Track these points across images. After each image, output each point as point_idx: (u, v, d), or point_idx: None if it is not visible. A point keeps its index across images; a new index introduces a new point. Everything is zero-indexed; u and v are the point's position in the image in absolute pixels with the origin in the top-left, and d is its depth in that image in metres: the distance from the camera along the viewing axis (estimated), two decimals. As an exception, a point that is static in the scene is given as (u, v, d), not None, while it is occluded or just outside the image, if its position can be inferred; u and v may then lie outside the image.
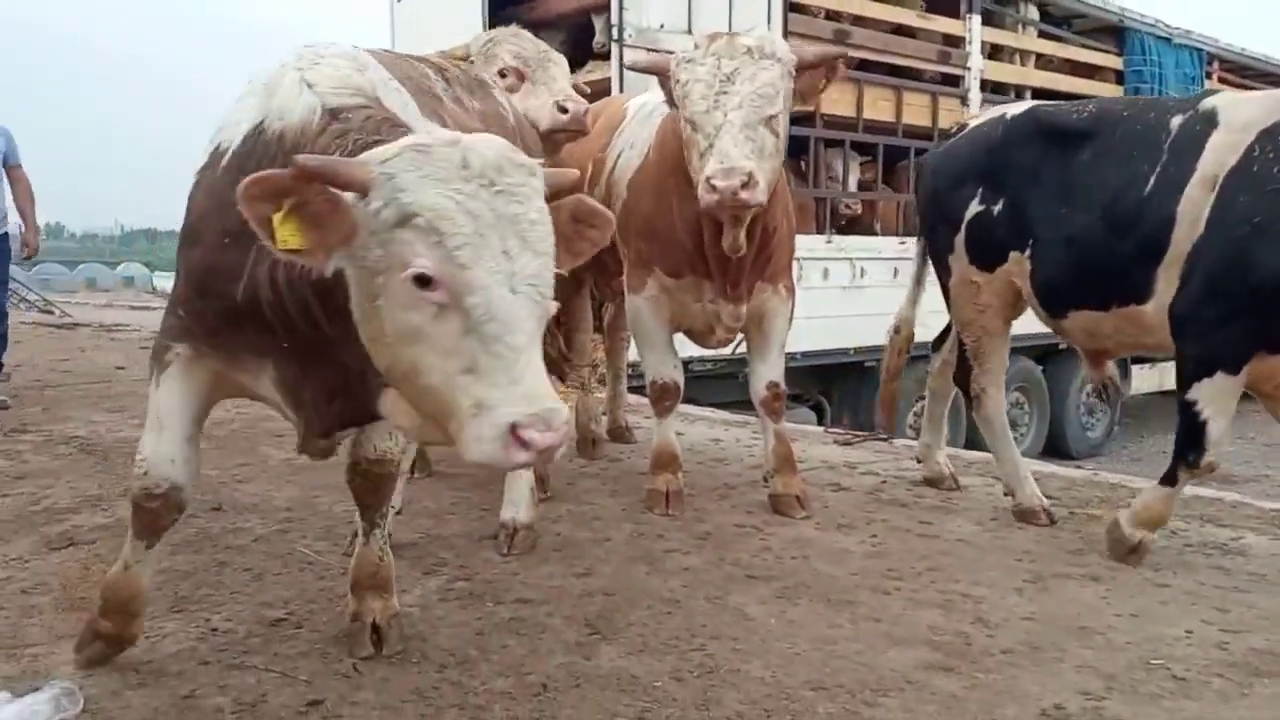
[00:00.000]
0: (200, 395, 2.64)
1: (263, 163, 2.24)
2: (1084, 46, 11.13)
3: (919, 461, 5.11)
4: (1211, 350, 3.54)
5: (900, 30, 9.48)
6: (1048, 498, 4.52)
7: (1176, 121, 3.74)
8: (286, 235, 1.97)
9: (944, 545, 4.02)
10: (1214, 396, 3.53)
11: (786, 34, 8.35)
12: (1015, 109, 4.47)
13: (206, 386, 2.64)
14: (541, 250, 1.98)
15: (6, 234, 7.22)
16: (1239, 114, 3.61)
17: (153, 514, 2.66)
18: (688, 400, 7.52)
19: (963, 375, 4.64)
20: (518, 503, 3.86)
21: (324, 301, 2.15)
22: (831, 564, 3.72)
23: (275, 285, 2.24)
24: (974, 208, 4.33)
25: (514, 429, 1.82)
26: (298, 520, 4.18)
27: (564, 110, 4.35)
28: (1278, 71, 12.95)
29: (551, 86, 4.42)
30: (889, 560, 3.79)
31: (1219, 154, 3.55)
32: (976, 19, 9.90)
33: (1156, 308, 3.69)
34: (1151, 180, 3.69)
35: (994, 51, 10.16)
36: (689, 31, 7.82)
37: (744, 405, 7.71)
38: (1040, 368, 9.92)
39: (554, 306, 2.01)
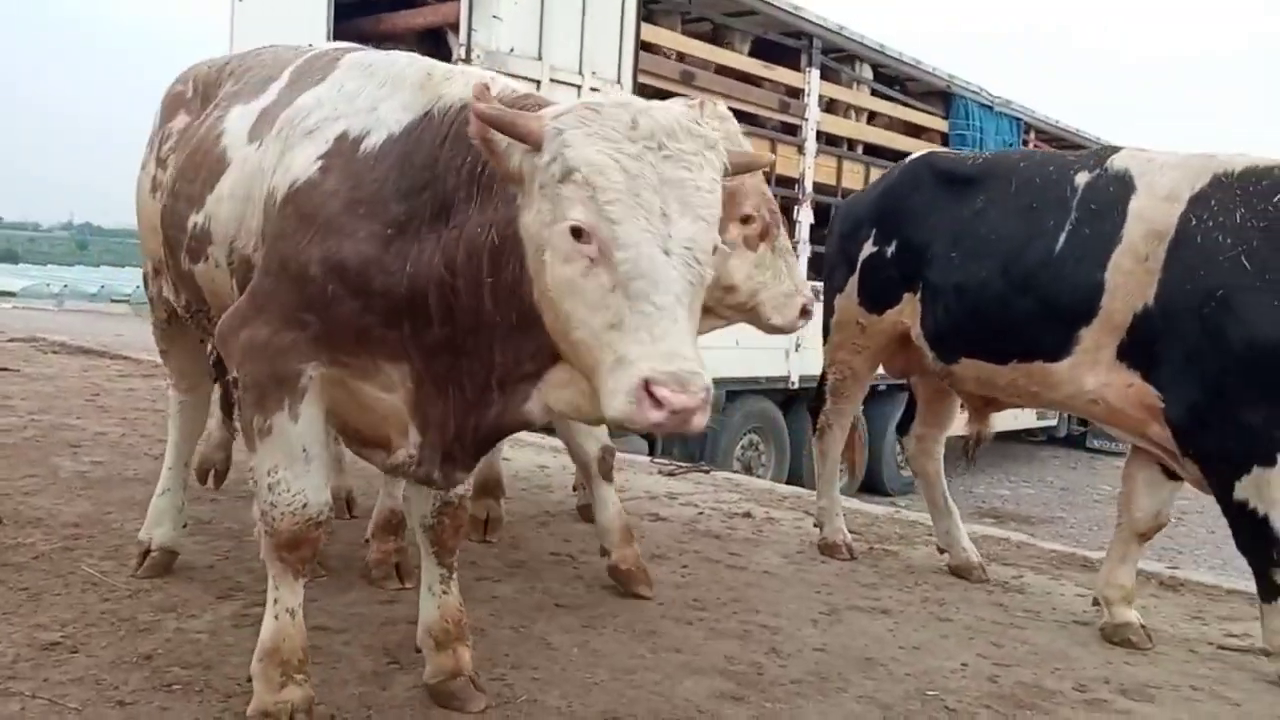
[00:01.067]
0: (324, 417, 2.45)
1: (434, 142, 2.26)
2: (913, 108, 11.80)
3: (941, 551, 4.57)
4: (1239, 447, 3.28)
5: (744, 78, 9.82)
6: (851, 533, 4.73)
7: (1082, 179, 3.68)
8: None
9: (750, 577, 4.15)
10: (1261, 488, 3.27)
11: (637, 71, 8.55)
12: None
13: (329, 407, 2.44)
14: (703, 216, 1.97)
15: None
16: (1159, 181, 3.51)
17: (313, 544, 2.52)
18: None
19: (816, 405, 4.72)
20: (156, 522, 3.58)
21: (495, 272, 2.12)
22: (644, 595, 3.78)
23: (451, 263, 2.18)
24: (868, 249, 4.33)
25: (647, 385, 1.80)
26: (85, 538, 3.94)
27: (806, 314, 3.52)
28: (1086, 143, 14.08)
29: (793, 269, 3.51)
30: (695, 590, 3.88)
31: (1148, 224, 3.46)
32: (815, 73, 10.37)
33: (1071, 365, 3.61)
34: (1062, 238, 3.62)
35: (830, 105, 10.65)
36: (539, 58, 7.89)
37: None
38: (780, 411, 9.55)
39: (711, 274, 2.00)
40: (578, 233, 1.92)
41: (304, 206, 2.34)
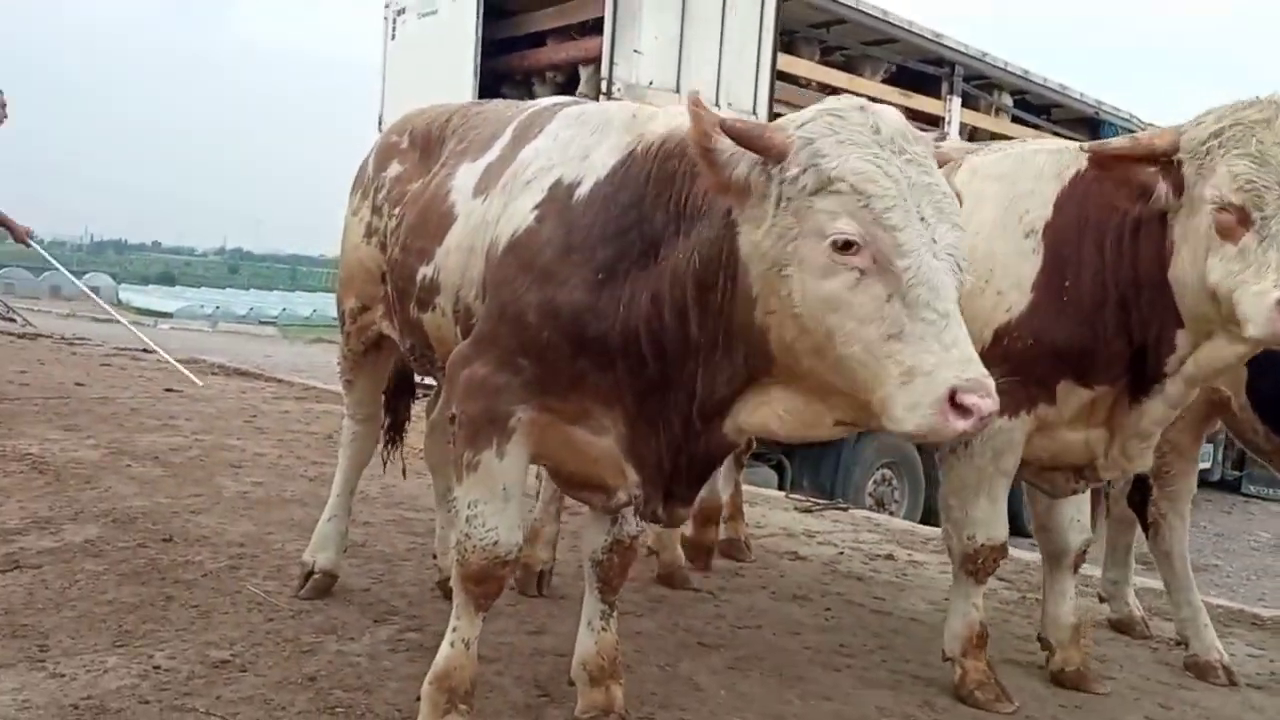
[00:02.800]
0: (528, 460, 2.56)
1: (640, 180, 2.32)
2: (1059, 135, 11.43)
3: (1101, 600, 4.40)
4: None
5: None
6: (1001, 580, 4.56)
7: None
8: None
9: (896, 623, 4.04)
10: None
11: (773, 101, 8.55)
12: None
13: (543, 452, 2.55)
14: (956, 221, 1.97)
15: None
16: None
17: (500, 582, 2.61)
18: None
19: (1139, 497, 4.08)
20: (320, 546, 3.77)
21: (701, 296, 2.16)
22: (784, 636, 3.73)
23: (659, 297, 2.23)
24: None
25: (953, 395, 1.80)
26: (249, 557, 4.13)
27: None
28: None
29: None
30: (841, 635, 3.80)
31: None
32: (957, 100, 10.17)
33: None
34: None
35: (972, 134, 10.43)
36: (677, 90, 7.97)
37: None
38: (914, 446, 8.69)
39: (970, 280, 2.01)
40: (846, 245, 1.88)
41: (523, 255, 2.43)
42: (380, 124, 10.01)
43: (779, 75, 8.88)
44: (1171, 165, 2.77)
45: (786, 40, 9.28)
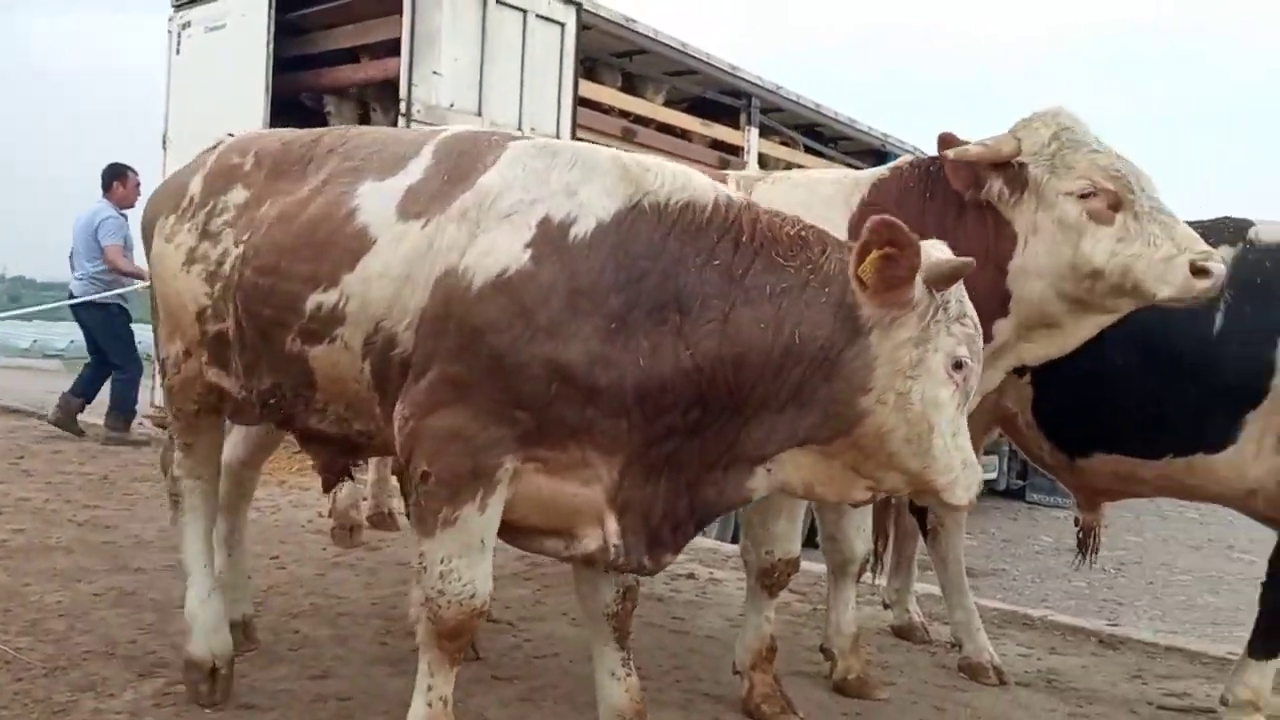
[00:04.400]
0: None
1: (653, 234, 2.37)
2: (849, 165, 12.05)
3: (885, 606, 4.63)
4: None
5: (683, 135, 9.95)
6: (794, 592, 4.69)
7: (1227, 253, 3.29)
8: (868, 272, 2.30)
9: (693, 642, 4.09)
10: None
11: (575, 127, 8.61)
12: None
13: (511, 498, 2.45)
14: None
15: None
16: None
17: (472, 633, 2.60)
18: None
19: (920, 506, 4.23)
20: (213, 630, 3.16)
21: (784, 367, 2.34)
22: (581, 663, 3.67)
23: (710, 356, 2.32)
24: None
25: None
26: (0, 611, 3.75)
27: (1203, 272, 2.87)
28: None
29: (1173, 231, 2.93)
30: (638, 658, 3.73)
31: None
32: (754, 130, 10.57)
33: (1233, 454, 3.33)
34: (1219, 317, 3.32)
35: (765, 162, 10.85)
36: (479, 114, 7.91)
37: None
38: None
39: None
40: (958, 365, 2.37)
41: (520, 299, 2.32)
42: (164, 142, 9.45)
43: (582, 101, 8.96)
44: (1010, 167, 3.02)
45: (589, 67, 9.40)
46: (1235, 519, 4.69)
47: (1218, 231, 3.46)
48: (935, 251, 2.40)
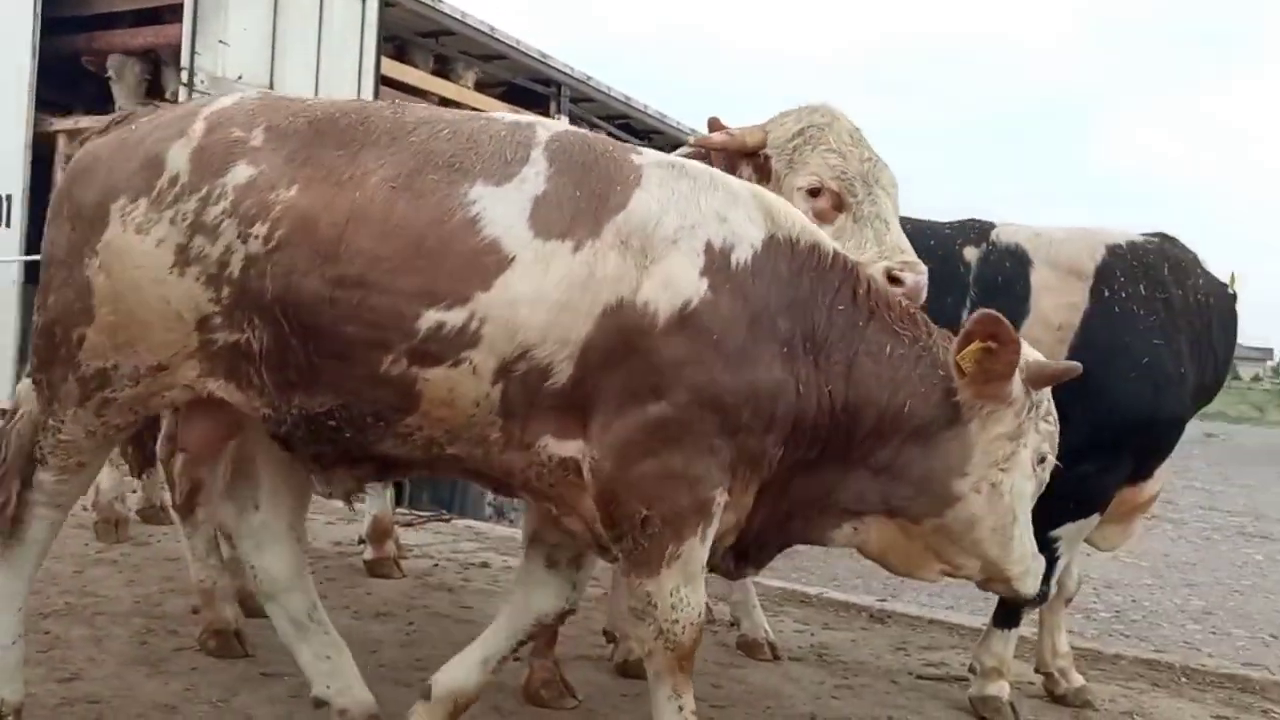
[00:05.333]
0: None
1: (790, 266, 2.45)
2: (659, 157, 12.26)
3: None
4: (1088, 493, 3.52)
5: (491, 119, 9.84)
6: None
7: (972, 254, 3.66)
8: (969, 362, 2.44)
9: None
10: (1074, 536, 3.58)
11: (378, 107, 8.36)
12: None
13: None
14: None
15: None
16: (1058, 253, 3.63)
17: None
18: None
19: None
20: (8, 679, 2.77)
21: (904, 439, 2.49)
22: (360, 655, 3.52)
23: (839, 401, 2.43)
24: None
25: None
26: None
27: (896, 280, 2.88)
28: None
29: (884, 238, 3.00)
30: (421, 649, 3.73)
31: (1057, 296, 3.56)
32: (564, 119, 10.56)
33: None
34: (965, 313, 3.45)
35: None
36: (270, 86, 7.55)
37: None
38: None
39: None
40: (1041, 460, 2.56)
41: (709, 330, 2.33)
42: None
43: (388, 82, 8.71)
44: (757, 157, 3.11)
45: (398, 46, 9.15)
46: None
47: (964, 232, 3.76)
48: (1034, 353, 2.56)
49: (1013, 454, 2.50)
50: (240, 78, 7.35)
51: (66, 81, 8.46)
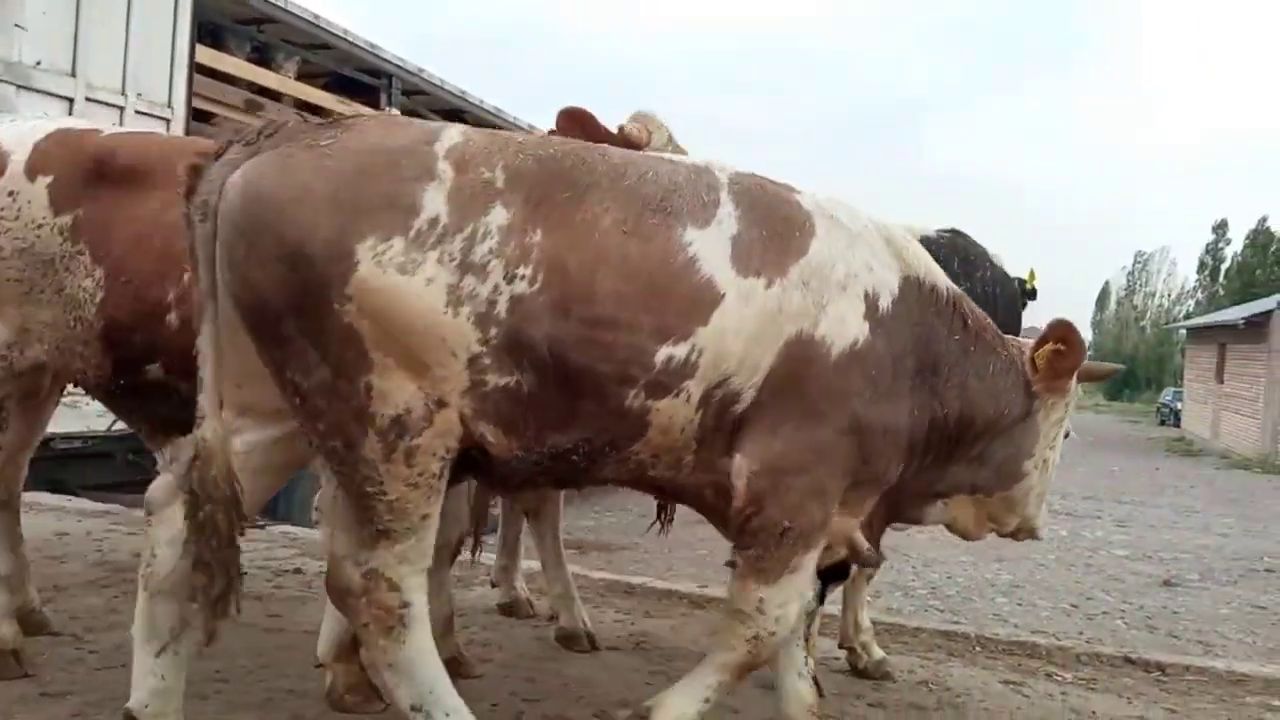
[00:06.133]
0: None
1: (922, 306, 2.85)
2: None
3: (494, 585, 4.65)
4: None
5: (317, 111, 9.54)
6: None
7: None
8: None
9: (288, 639, 3.92)
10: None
11: (191, 95, 7.99)
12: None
13: None
14: None
15: None
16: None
17: None
18: (50, 483, 6.67)
19: None
20: None
21: (991, 435, 2.99)
22: (153, 671, 3.42)
23: (951, 413, 2.88)
24: None
25: None
26: None
27: None
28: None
29: None
30: (220, 661, 3.58)
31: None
32: (395, 112, 10.33)
33: None
34: None
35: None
36: (73, 74, 7.10)
37: (127, 488, 7.05)
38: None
39: None
40: (1066, 434, 3.18)
41: (868, 368, 2.66)
42: None
43: (204, 70, 8.33)
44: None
45: (214, 33, 8.75)
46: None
47: None
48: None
49: (1058, 435, 3.08)
50: (39, 64, 6.88)
51: None
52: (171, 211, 3.12)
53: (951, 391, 2.86)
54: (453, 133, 2.56)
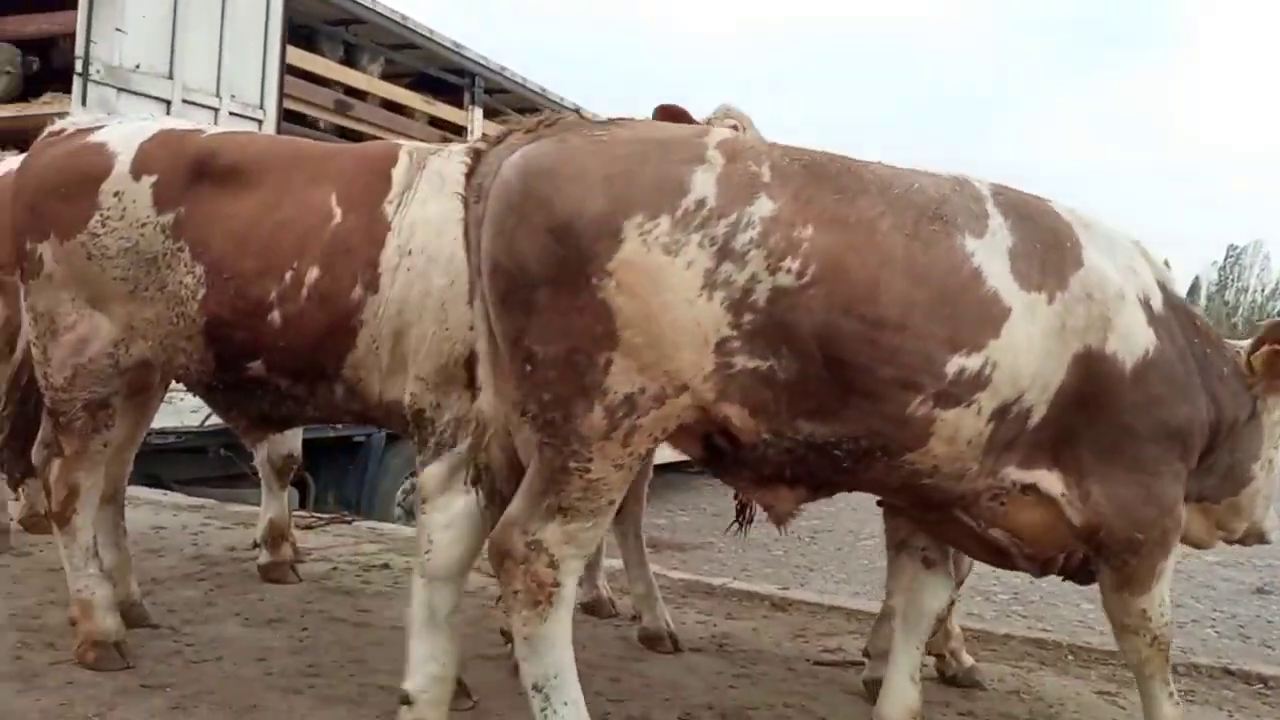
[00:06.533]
0: None
1: (1170, 310, 2.84)
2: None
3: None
4: None
5: (402, 110, 9.68)
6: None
7: None
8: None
9: (377, 635, 3.99)
10: None
11: (283, 97, 8.16)
12: None
13: None
14: None
15: None
16: None
17: None
18: (146, 477, 6.90)
19: None
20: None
21: (1234, 443, 2.99)
22: (247, 664, 3.52)
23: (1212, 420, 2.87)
24: None
25: None
26: None
27: None
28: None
29: None
30: (313, 655, 3.67)
31: None
32: (478, 110, 10.44)
33: None
34: None
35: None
36: (170, 76, 7.31)
37: (216, 483, 7.27)
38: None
39: None
40: None
41: (1163, 372, 2.71)
42: None
43: (296, 71, 8.50)
44: None
45: (307, 35, 8.92)
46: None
47: None
48: None
49: (1278, 432, 3.05)
50: (138, 67, 7.10)
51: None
52: (272, 211, 3.23)
53: (1203, 393, 2.85)
54: (723, 130, 2.77)
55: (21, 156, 5.03)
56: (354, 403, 3.30)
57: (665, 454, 2.94)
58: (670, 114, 3.25)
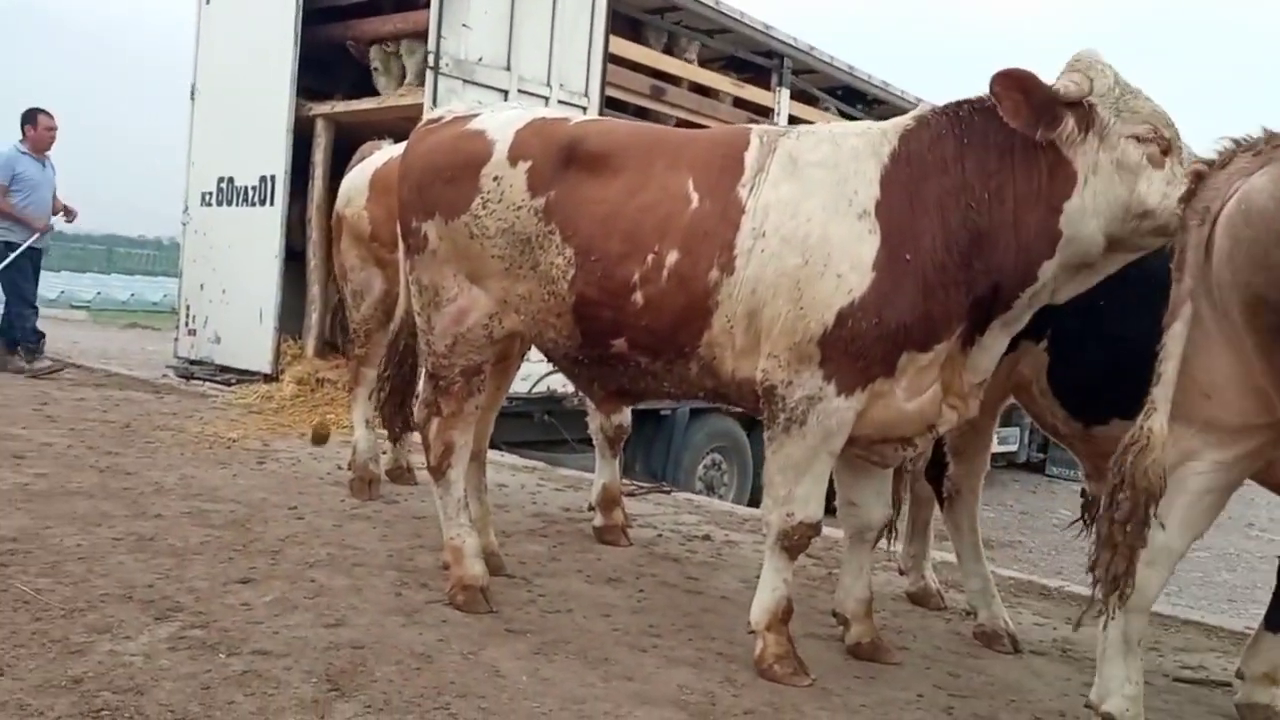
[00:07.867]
0: None
1: None
2: (882, 128, 11.84)
3: (901, 573, 4.59)
4: None
5: (710, 94, 9.82)
6: (811, 557, 4.67)
7: None
8: None
9: (707, 602, 4.08)
10: None
11: (605, 84, 8.51)
12: None
13: None
14: None
15: None
16: None
17: None
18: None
19: (935, 471, 4.27)
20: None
21: None
22: (594, 619, 3.71)
23: None
24: None
25: None
26: (21, 553, 3.80)
27: None
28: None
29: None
30: (652, 616, 3.81)
31: None
32: (785, 92, 10.40)
33: None
34: None
35: (796, 125, 10.67)
36: (508, 68, 7.83)
37: (539, 446, 7.74)
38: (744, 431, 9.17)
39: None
40: None
41: None
42: (193, 93, 9.46)
43: (613, 59, 8.84)
44: (1081, 106, 3.06)
45: (632, 24, 9.27)
46: (1256, 496, 4.62)
47: None
48: None
49: None
50: (481, 59, 7.66)
51: (323, 68, 9.09)
52: (635, 196, 3.36)
53: None
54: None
55: (395, 146, 5.59)
56: (707, 379, 3.38)
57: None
58: (1015, 80, 3.03)
